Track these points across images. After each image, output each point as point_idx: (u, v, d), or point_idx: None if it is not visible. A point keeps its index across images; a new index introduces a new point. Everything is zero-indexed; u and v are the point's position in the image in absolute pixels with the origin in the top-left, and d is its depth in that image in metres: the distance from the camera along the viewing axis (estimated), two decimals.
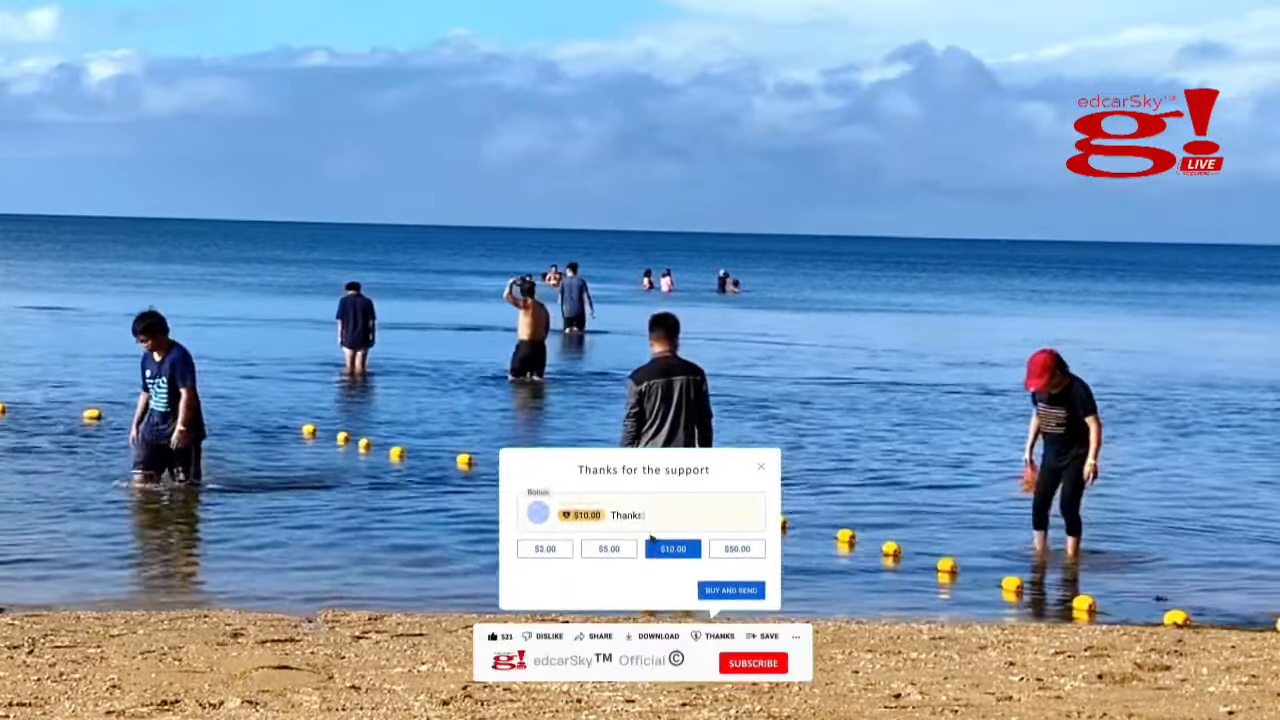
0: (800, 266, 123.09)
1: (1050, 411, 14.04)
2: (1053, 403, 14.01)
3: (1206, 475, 19.75)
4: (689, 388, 12.41)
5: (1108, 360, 36.00)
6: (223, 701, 8.25)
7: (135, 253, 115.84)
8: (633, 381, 12.51)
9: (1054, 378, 13.94)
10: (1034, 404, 14.28)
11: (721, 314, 54.14)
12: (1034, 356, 14.06)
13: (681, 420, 12.38)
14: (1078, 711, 8.40)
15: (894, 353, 37.87)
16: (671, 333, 12.64)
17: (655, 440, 12.36)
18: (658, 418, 12.37)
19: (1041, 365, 13.93)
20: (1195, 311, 67.53)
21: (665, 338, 12.61)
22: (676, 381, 12.41)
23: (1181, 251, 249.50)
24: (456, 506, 16.14)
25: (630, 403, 12.43)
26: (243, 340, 36.75)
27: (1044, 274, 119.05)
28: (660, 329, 12.66)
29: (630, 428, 12.42)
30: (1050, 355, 14.00)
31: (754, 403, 26.15)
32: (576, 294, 41.21)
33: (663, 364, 12.51)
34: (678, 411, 12.38)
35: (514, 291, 29.19)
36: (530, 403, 26.07)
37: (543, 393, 27.29)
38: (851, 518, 15.76)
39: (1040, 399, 14.09)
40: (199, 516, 15.34)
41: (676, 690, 8.61)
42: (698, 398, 12.43)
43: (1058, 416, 14.02)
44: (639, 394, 12.39)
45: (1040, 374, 13.92)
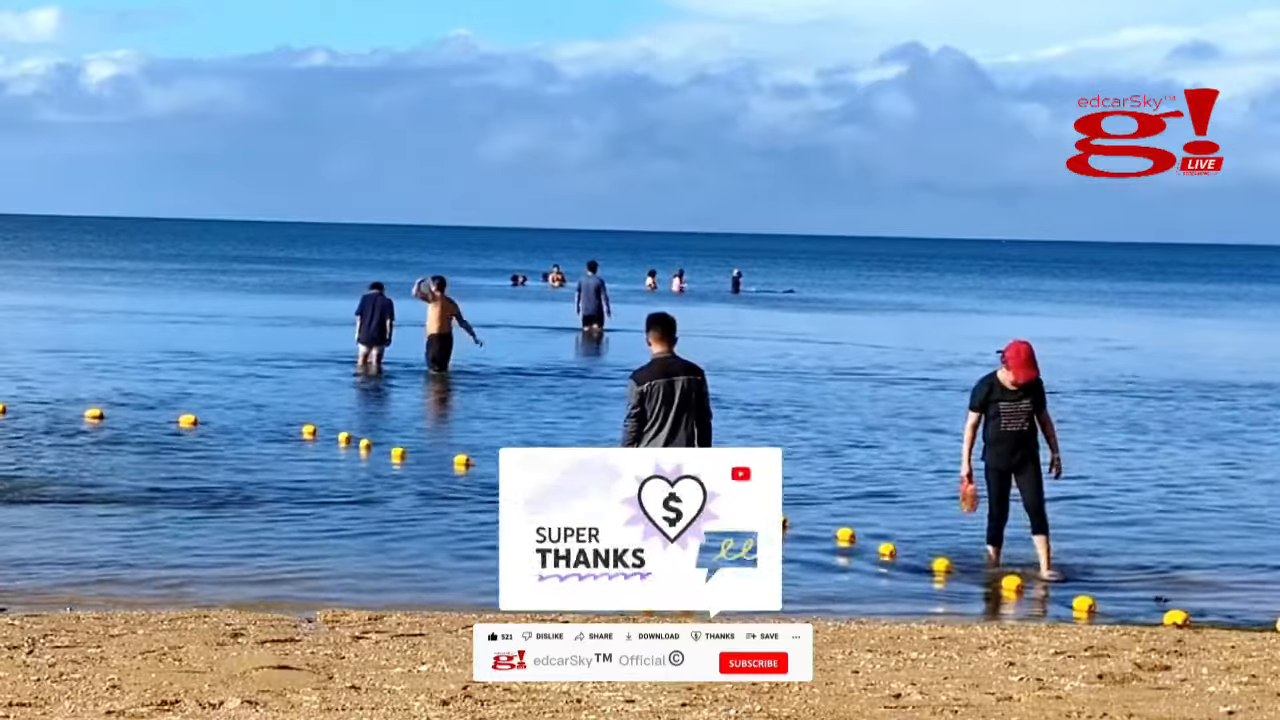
0: (801, 266, 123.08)
1: (1018, 407, 13.36)
2: (1022, 397, 13.37)
3: (1206, 475, 19.74)
4: (689, 388, 12.42)
5: (1107, 360, 36.02)
6: (223, 701, 8.25)
7: (135, 251, 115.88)
8: (634, 382, 12.51)
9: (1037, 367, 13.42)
10: (985, 405, 13.43)
11: (734, 313, 54.17)
12: (1016, 348, 13.39)
13: (682, 420, 12.39)
14: (1078, 711, 8.40)
15: (895, 352, 37.87)
16: (669, 332, 12.65)
17: (656, 440, 12.36)
18: (659, 418, 12.38)
19: (1029, 355, 13.30)
20: (1196, 311, 67.54)
21: (663, 337, 12.62)
22: (677, 382, 12.42)
23: (1179, 251, 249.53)
24: (456, 507, 16.14)
25: (631, 403, 12.44)
26: (240, 340, 36.75)
27: (1044, 274, 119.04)
28: (658, 328, 12.66)
29: (631, 428, 12.43)
30: (1030, 344, 13.46)
31: (753, 402, 26.16)
32: (593, 293, 41.50)
33: (663, 364, 12.52)
34: (679, 412, 12.39)
35: (423, 287, 29.83)
36: (530, 402, 26.06)
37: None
38: (852, 518, 15.76)
39: (1006, 396, 13.37)
40: (199, 515, 15.32)
41: (676, 690, 8.61)
42: (698, 398, 12.45)
43: (1026, 411, 13.37)
44: (640, 394, 12.40)
45: (1030, 364, 13.29)
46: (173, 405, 23.51)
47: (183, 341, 35.73)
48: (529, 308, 55.06)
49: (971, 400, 13.60)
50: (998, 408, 13.42)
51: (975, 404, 13.52)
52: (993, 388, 13.48)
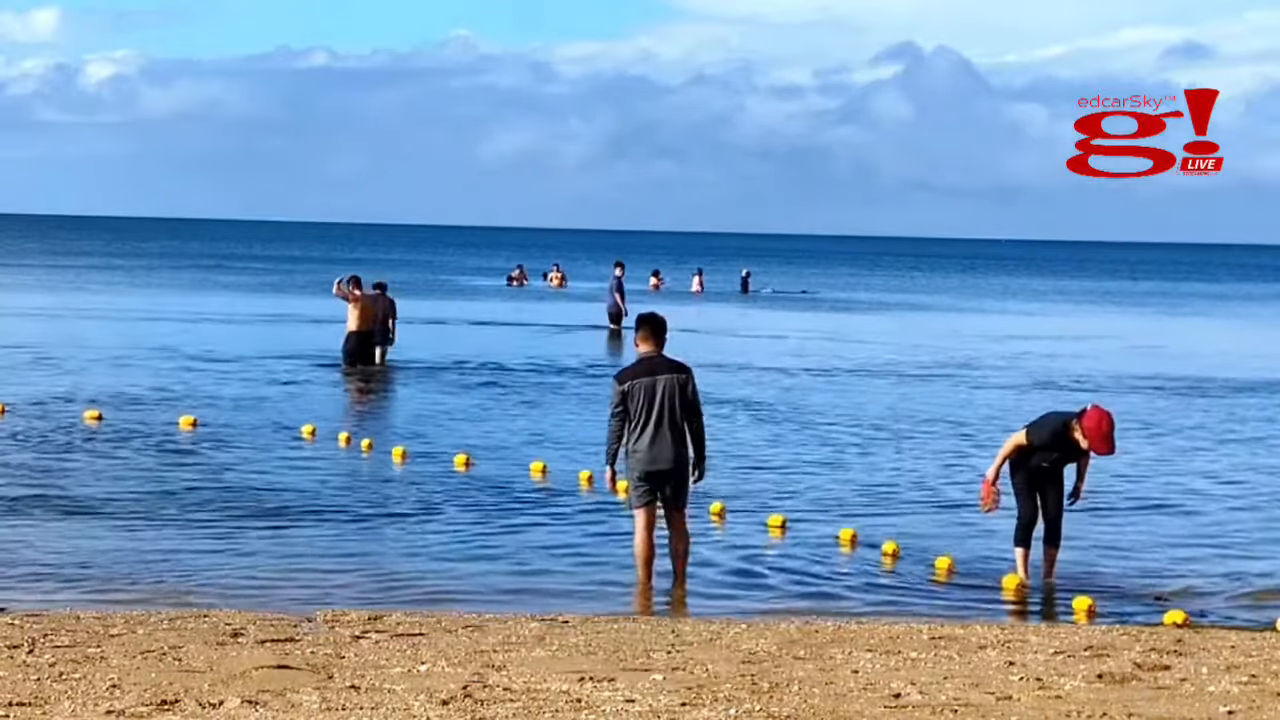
0: (802, 266, 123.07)
1: (1052, 456, 13.02)
2: (1083, 455, 12.94)
3: (1205, 474, 19.74)
4: (673, 386, 12.44)
5: (1110, 359, 36.01)
6: (223, 701, 8.25)
7: (136, 250, 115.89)
8: (616, 381, 12.59)
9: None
10: (1042, 448, 12.96)
11: (742, 313, 54.20)
12: (1098, 421, 12.73)
13: (665, 419, 12.42)
14: (1077, 711, 8.40)
15: (899, 351, 37.86)
16: (657, 332, 12.67)
17: (640, 439, 12.41)
18: (641, 416, 12.43)
19: (1110, 431, 12.70)
20: (1197, 310, 67.55)
21: (651, 337, 12.66)
22: (660, 381, 12.44)
23: (1176, 251, 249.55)
24: (457, 506, 16.15)
25: (614, 402, 12.49)
26: (240, 339, 36.77)
27: (1044, 274, 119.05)
28: (646, 328, 12.70)
29: (614, 427, 12.48)
30: (1112, 418, 12.78)
31: (755, 402, 26.16)
32: (609, 292, 42.40)
33: (647, 364, 12.56)
34: (661, 410, 12.41)
35: (342, 287, 30.24)
36: (531, 401, 26.06)
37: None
38: (852, 518, 15.77)
39: (1068, 451, 12.87)
40: (199, 515, 15.32)
41: (676, 690, 8.62)
42: (684, 397, 12.46)
43: (1055, 460, 13.07)
44: (622, 394, 12.45)
45: (1109, 440, 12.72)
46: (172, 405, 23.52)
47: (183, 341, 35.75)
48: (529, 306, 55.04)
49: (1032, 433, 13.06)
50: (1050, 454, 13.01)
51: (1034, 440, 13.02)
52: (1059, 437, 12.93)
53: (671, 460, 12.43)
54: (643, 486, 12.50)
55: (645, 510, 12.58)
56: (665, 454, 12.40)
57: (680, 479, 12.53)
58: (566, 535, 14.89)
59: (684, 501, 12.67)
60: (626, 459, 12.52)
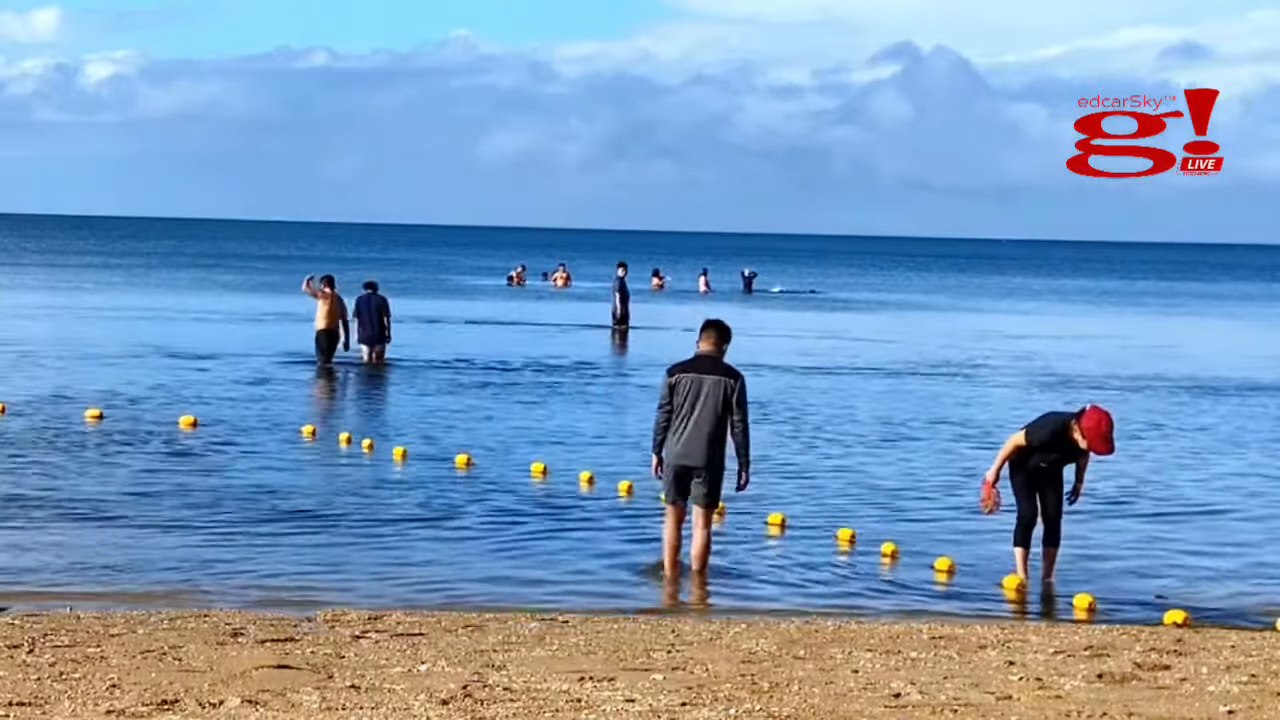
0: (800, 266, 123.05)
1: (1051, 457, 13.03)
2: (1082, 455, 12.94)
3: (1205, 474, 19.74)
4: (719, 389, 12.71)
5: (1108, 358, 36.00)
6: (223, 701, 8.25)
7: (135, 250, 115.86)
8: (666, 374, 12.93)
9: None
10: (1041, 447, 12.95)
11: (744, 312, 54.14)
12: (1097, 421, 12.69)
13: (705, 418, 12.67)
14: (1077, 711, 8.40)
15: (898, 351, 37.87)
16: (719, 337, 12.98)
17: (678, 433, 12.73)
18: (684, 410, 12.76)
19: (1109, 431, 12.67)
20: (1197, 310, 67.55)
21: (712, 339, 12.96)
22: (707, 380, 12.75)
23: (1176, 251, 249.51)
24: (457, 506, 16.14)
25: (663, 394, 12.87)
26: (240, 338, 36.77)
27: (1043, 273, 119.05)
28: (711, 331, 13.03)
29: (660, 419, 12.87)
30: (1111, 418, 12.74)
31: (755, 402, 26.13)
32: (614, 293, 42.55)
33: (699, 362, 12.89)
34: (702, 409, 12.70)
35: (313, 284, 30.80)
36: (532, 401, 26.06)
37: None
38: (852, 518, 15.77)
39: (1067, 452, 12.89)
40: (200, 515, 15.31)
41: (676, 690, 8.61)
42: (727, 400, 12.69)
43: (1054, 460, 13.06)
44: (670, 386, 12.81)
45: (1108, 440, 12.69)
46: (173, 405, 23.51)
47: (183, 340, 35.75)
48: (530, 306, 55.03)
49: (1031, 433, 13.03)
50: (1049, 454, 13.02)
51: (1033, 441, 12.99)
52: (1058, 437, 12.91)
53: (702, 458, 12.70)
54: (672, 481, 12.83)
55: (674, 506, 12.98)
56: (696, 450, 12.68)
57: (711, 479, 12.80)
58: (567, 535, 14.89)
59: (712, 502, 12.94)
60: (665, 451, 12.86)
